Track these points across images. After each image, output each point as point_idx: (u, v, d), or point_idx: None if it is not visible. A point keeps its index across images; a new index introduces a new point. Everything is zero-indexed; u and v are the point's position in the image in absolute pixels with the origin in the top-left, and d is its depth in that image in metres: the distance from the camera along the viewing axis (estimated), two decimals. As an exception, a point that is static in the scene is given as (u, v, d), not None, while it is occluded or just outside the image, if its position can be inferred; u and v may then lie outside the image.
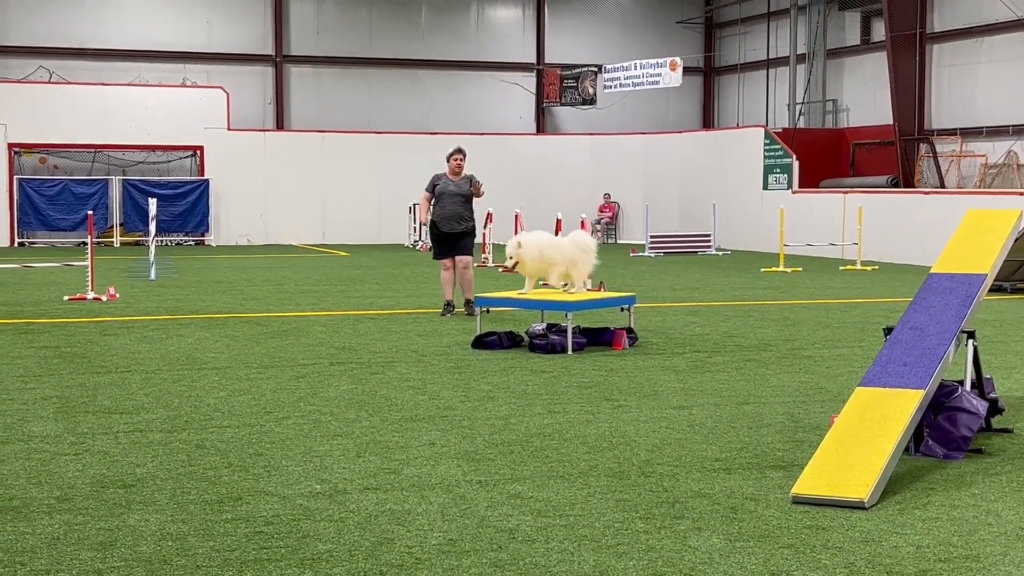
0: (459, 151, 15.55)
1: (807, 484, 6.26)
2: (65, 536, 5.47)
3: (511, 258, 12.53)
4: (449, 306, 15.13)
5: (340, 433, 7.85)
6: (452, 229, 15.08)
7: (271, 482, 6.52)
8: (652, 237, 30.59)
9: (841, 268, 24.97)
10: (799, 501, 6.17)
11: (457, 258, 15.12)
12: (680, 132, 38.18)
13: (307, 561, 5.15)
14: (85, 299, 16.78)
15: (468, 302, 15.00)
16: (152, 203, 21.81)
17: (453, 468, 6.89)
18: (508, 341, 12.15)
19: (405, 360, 11.24)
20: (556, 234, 18.74)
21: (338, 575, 4.98)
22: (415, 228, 33.62)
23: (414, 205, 33.77)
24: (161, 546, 5.33)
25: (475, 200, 15.46)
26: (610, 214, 37.76)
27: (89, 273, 17.31)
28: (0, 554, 5.18)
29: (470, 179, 15.33)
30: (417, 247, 32.65)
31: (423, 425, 8.14)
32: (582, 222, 17.04)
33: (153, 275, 20.84)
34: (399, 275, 22.73)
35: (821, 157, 33.59)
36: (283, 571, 5.01)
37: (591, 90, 38.10)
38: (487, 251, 25.46)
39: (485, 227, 25.72)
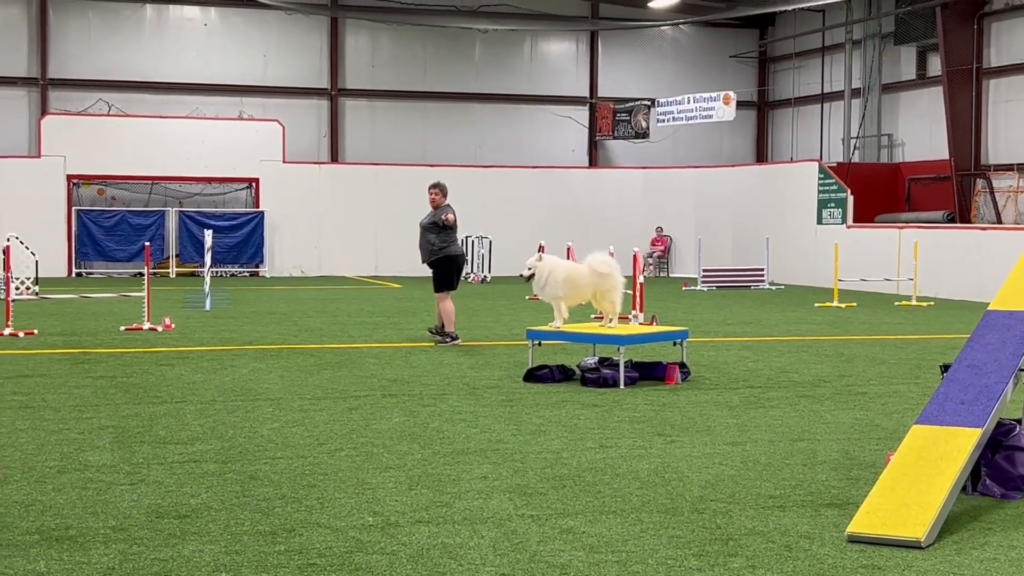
0: (433, 185, 16.38)
1: (863, 523, 6.19)
2: (120, 566, 5.51)
3: (528, 269, 12.55)
4: (447, 336, 15.75)
5: (392, 465, 7.86)
6: (423, 259, 16.17)
7: (324, 514, 6.54)
8: (705, 271, 30.47)
9: (896, 304, 24.73)
10: (855, 540, 6.10)
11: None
12: (733, 166, 38.08)
13: (359, 594, 5.16)
14: (141, 329, 16.96)
15: (432, 329, 16.07)
16: (208, 234, 22.04)
17: (505, 502, 6.88)
18: (560, 374, 12.13)
19: (457, 393, 11.26)
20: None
21: (390, 608, 4.98)
22: (467, 260, 33.73)
23: (467, 237, 33.92)
24: (215, 577, 5.37)
25: (450, 226, 16.04)
26: (662, 248, 37.68)
27: (145, 304, 17.50)
28: (57, 582, 5.24)
29: (443, 210, 15.98)
30: (469, 280, 32.74)
31: (475, 458, 8.14)
32: (635, 256, 17.03)
33: (208, 306, 21.03)
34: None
35: (876, 192, 33.35)
36: (335, 604, 5.03)
37: (644, 124, 38.12)
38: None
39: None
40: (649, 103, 38.08)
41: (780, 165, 36.58)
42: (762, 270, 31.08)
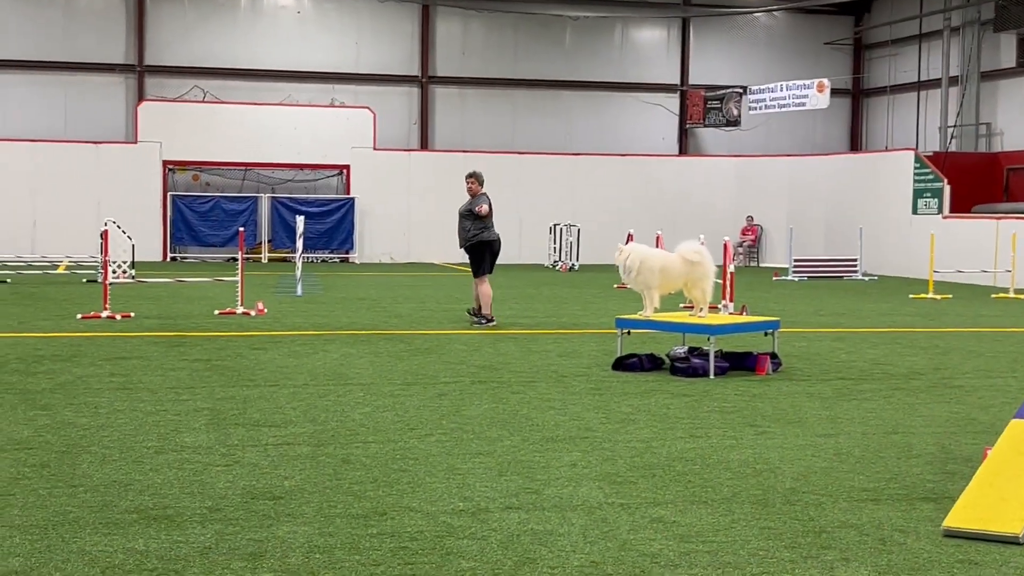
0: (470, 174, 16.98)
1: (959, 517, 6.09)
2: (216, 545, 5.61)
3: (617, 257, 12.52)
4: (484, 318, 16.36)
5: (482, 452, 7.90)
6: (460, 244, 16.91)
7: (415, 498, 6.59)
8: (796, 261, 30.13)
9: (993, 296, 24.25)
10: (951, 534, 6.00)
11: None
12: (827, 155, 37.59)
13: (451, 578, 5.19)
14: (235, 313, 17.21)
15: (471, 311, 16.69)
16: (300, 220, 22.28)
17: (595, 490, 6.88)
18: (649, 363, 12.09)
19: (545, 380, 11.27)
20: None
21: (481, 593, 5.01)
22: (555, 248, 33.71)
23: (555, 225, 33.90)
24: (309, 558, 5.43)
25: (486, 216, 16.62)
26: (753, 237, 37.34)
27: (239, 288, 17.76)
28: (156, 562, 5.34)
29: (474, 201, 16.54)
30: (557, 267, 32.72)
31: (564, 446, 8.14)
32: (725, 245, 16.87)
33: (300, 291, 21.28)
34: (539, 295, 22.80)
35: (973, 182, 32.69)
36: (427, 587, 5.06)
37: (736, 111, 37.77)
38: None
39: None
40: (741, 90, 37.72)
41: (875, 154, 36.03)
42: (855, 260, 30.66)
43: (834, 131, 40.75)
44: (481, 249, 16.62)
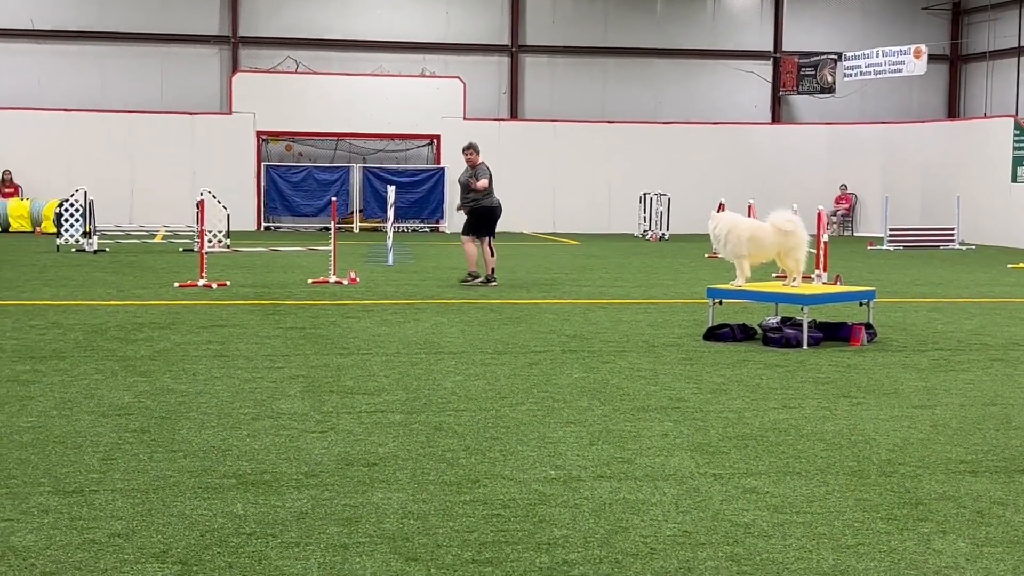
0: (468, 147, 17.84)
1: (1061, 492, 5.98)
2: (313, 511, 5.69)
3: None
4: (469, 276, 17.58)
5: (573, 420, 7.91)
6: (459, 206, 18.16)
7: (507, 466, 6.63)
8: (891, 230, 29.66)
9: (1096, 266, 23.67)
10: (1052, 509, 5.89)
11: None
12: (923, 122, 36.90)
13: (543, 545, 5.21)
14: (327, 282, 17.40)
15: (471, 274, 17.72)
16: (391, 190, 22.43)
17: (686, 460, 6.86)
18: (741, 334, 12.00)
19: (636, 350, 11.24)
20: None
21: (574, 561, 5.02)
22: (645, 218, 33.54)
23: (645, 194, 33.71)
24: (403, 524, 5.49)
25: (484, 184, 17.57)
26: (847, 206, 36.82)
27: (332, 258, 17.95)
28: (254, 526, 5.44)
29: (475, 172, 17.54)
30: (647, 237, 32.57)
31: (655, 416, 8.13)
32: (819, 214, 16.60)
33: (391, 260, 21.45)
34: (629, 265, 22.72)
35: (1076, 148, 31.88)
36: (520, 554, 5.09)
37: (830, 78, 37.17)
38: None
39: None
40: (836, 57, 37.10)
41: (973, 121, 35.27)
42: (952, 230, 30.10)
43: (931, 98, 39.95)
44: (481, 213, 17.69)
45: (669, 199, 32.83)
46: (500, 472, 6.49)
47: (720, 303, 12.59)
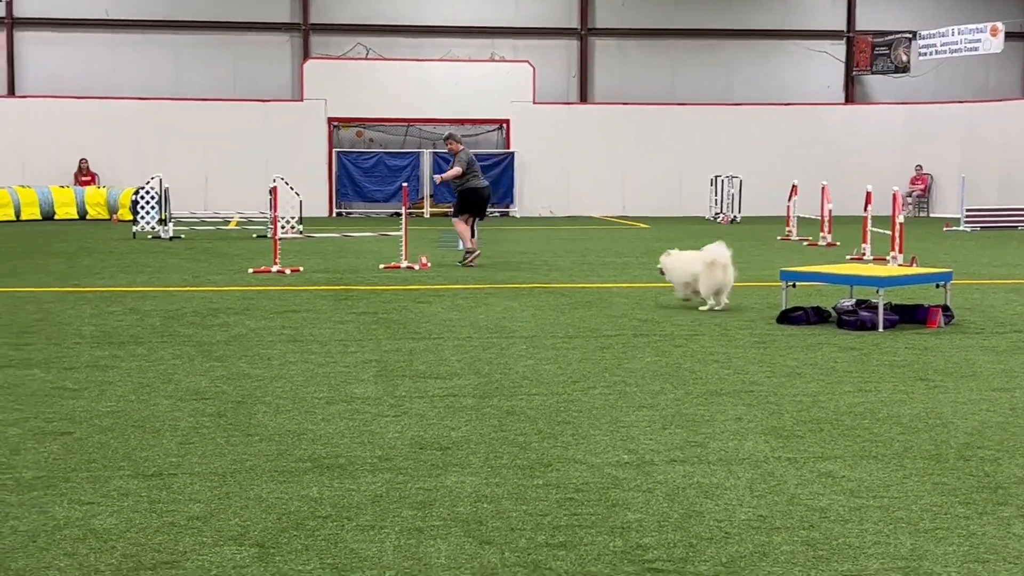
0: (445, 137, 19.02)
1: None
2: (387, 494, 5.73)
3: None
4: (467, 254, 18.34)
5: (646, 404, 7.89)
6: (454, 188, 18.74)
7: (579, 450, 6.62)
8: (968, 211, 29.20)
9: None
10: None
11: None
12: (1001, 100, 36.23)
13: (617, 529, 5.21)
14: (399, 268, 17.49)
15: (468, 252, 18.42)
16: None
17: (761, 444, 6.81)
18: (815, 316, 11.88)
19: (708, 333, 11.17)
20: (866, 204, 18.25)
21: (648, 544, 5.01)
22: (716, 200, 33.30)
23: (716, 177, 33.48)
24: (477, 508, 5.51)
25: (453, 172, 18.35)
26: (922, 186, 36.31)
27: (403, 243, 18.03)
28: (329, 509, 5.48)
29: (455, 159, 18.37)
30: (718, 219, 32.35)
31: (728, 399, 8.08)
32: (894, 195, 16.45)
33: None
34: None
35: None
36: (594, 538, 5.09)
37: (904, 57, 36.64)
38: (791, 224, 24.94)
39: (789, 199, 25.22)
40: (910, 36, 36.54)
41: (1052, 99, 34.57)
42: (1030, 210, 29.57)
43: (1008, 77, 39.22)
44: (466, 195, 18.33)
45: (741, 181, 32.56)
46: (573, 456, 6.49)
47: (793, 285, 12.47)
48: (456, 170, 18.12)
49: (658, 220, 32.83)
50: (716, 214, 33.05)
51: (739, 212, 32.21)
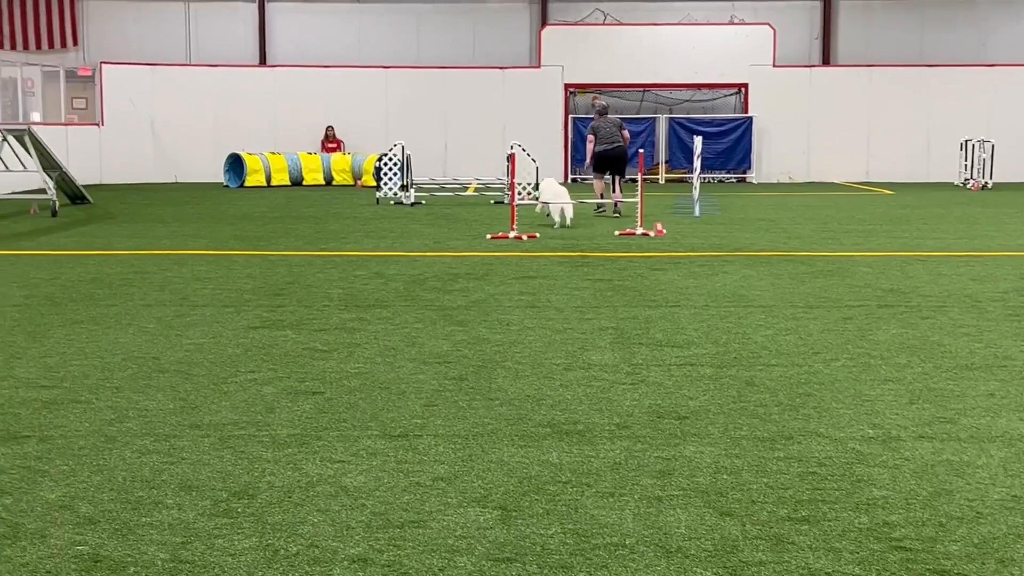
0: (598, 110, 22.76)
1: None
2: (626, 462, 5.75)
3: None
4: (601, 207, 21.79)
5: (891, 378, 7.66)
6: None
7: (821, 423, 6.49)
8: None
9: None
10: None
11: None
12: None
13: (862, 506, 5.09)
14: (634, 234, 17.46)
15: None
16: (697, 141, 22.23)
17: (1015, 421, 6.53)
18: (1074, 289, 11.32)
19: (958, 305, 10.76)
20: None
21: (895, 522, 4.88)
22: (966, 166, 31.93)
23: (967, 141, 32.10)
24: (716, 479, 5.47)
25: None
26: None
27: (639, 209, 17.99)
28: (569, 474, 5.54)
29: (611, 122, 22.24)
30: (968, 186, 31.04)
31: (980, 374, 7.77)
32: None
33: (697, 212, 21.30)
34: (948, 215, 21.73)
35: None
36: (838, 514, 4.99)
37: None
38: None
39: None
40: None
41: None
42: None
43: None
44: (596, 157, 22.17)
45: (993, 146, 31.10)
46: (815, 429, 6.37)
47: (1050, 256, 11.88)
48: (590, 144, 22.16)
49: (904, 186, 31.73)
50: (966, 180, 31.70)
51: (991, 178, 30.80)
